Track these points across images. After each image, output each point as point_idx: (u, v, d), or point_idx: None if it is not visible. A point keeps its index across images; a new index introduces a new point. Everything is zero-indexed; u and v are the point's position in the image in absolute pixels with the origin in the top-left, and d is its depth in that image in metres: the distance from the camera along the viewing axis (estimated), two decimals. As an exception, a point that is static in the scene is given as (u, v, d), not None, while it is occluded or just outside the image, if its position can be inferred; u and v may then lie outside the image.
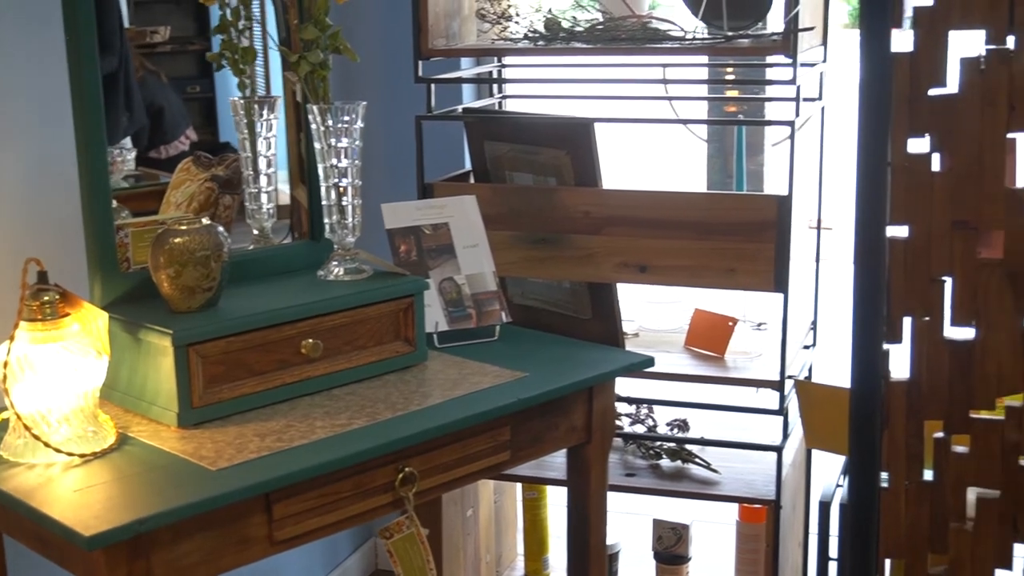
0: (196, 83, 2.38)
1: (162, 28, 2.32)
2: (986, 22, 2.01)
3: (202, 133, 2.40)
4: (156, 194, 2.28)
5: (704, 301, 2.72)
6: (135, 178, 2.28)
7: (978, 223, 2.08)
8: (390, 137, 2.98)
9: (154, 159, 2.33)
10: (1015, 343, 2.09)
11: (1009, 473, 2.14)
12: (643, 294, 2.80)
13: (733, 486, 2.55)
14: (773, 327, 2.61)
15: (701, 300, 2.73)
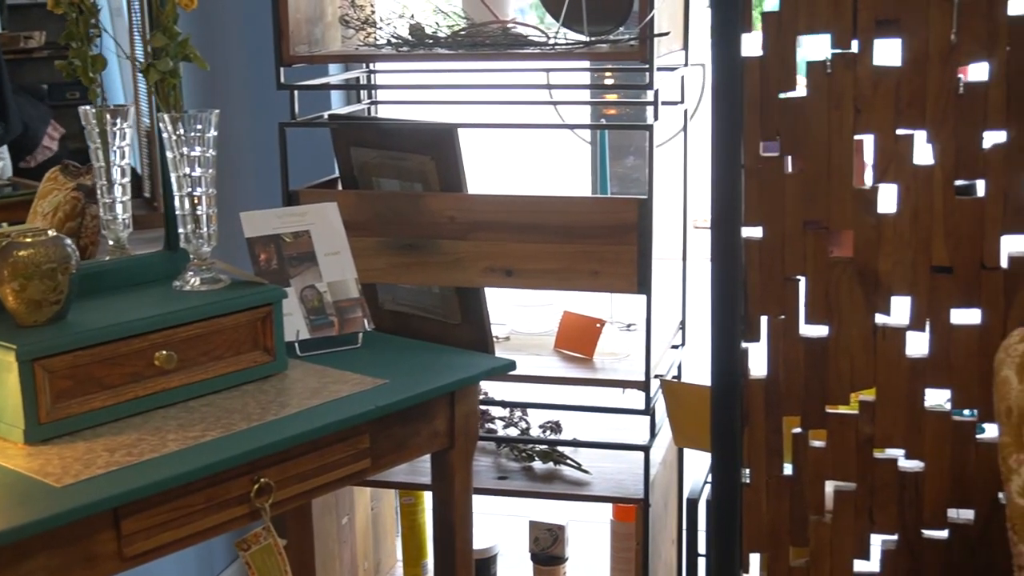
0: (75, 90, 2.32)
1: (37, 33, 2.26)
2: (831, 27, 2.07)
3: (78, 141, 2.35)
4: (28, 204, 2.23)
5: (576, 303, 2.75)
6: (11, 187, 2.23)
7: (829, 223, 2.13)
8: (257, 144, 2.96)
9: (24, 168, 2.28)
10: (866, 339, 2.15)
11: (864, 465, 2.19)
12: (514, 297, 2.82)
13: (604, 486, 2.58)
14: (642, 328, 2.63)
15: (573, 302, 2.75)
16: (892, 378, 2.14)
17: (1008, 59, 1.99)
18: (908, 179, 2.07)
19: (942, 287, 2.09)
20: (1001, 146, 2.02)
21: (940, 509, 2.17)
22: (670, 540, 2.85)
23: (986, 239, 2.05)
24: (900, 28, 2.03)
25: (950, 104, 2.03)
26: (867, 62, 2.05)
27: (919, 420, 2.14)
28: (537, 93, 2.93)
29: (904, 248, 2.10)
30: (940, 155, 2.05)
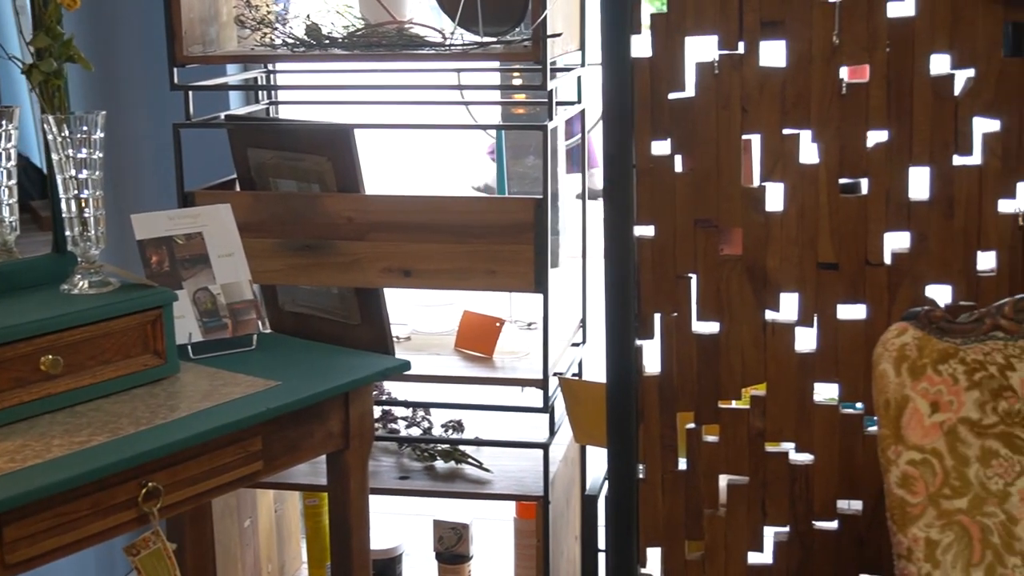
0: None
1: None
2: (718, 28, 2.10)
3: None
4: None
5: (477, 303, 2.76)
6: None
7: (718, 221, 2.17)
8: (153, 146, 2.93)
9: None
10: (757, 335, 2.19)
11: (756, 459, 2.24)
12: (416, 297, 2.82)
13: (505, 484, 2.59)
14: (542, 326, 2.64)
15: (474, 302, 2.76)
16: (782, 373, 2.18)
17: (888, 60, 2.04)
18: (794, 178, 2.12)
19: (828, 283, 2.14)
20: (883, 145, 2.08)
21: (830, 501, 2.22)
22: (573, 536, 2.87)
23: (870, 236, 2.11)
24: (785, 30, 2.07)
25: (833, 104, 2.08)
26: (753, 63, 2.09)
27: (808, 414, 2.19)
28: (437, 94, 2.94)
29: (791, 245, 2.14)
30: (825, 154, 2.10)
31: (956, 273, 2.08)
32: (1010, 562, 1.72)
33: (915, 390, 1.75)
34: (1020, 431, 1.76)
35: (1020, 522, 1.73)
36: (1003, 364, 1.77)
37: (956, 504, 1.74)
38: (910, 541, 1.74)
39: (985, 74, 2.02)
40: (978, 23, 2.00)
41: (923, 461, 1.75)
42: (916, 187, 2.09)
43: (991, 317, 1.80)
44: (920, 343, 1.78)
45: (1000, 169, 2.04)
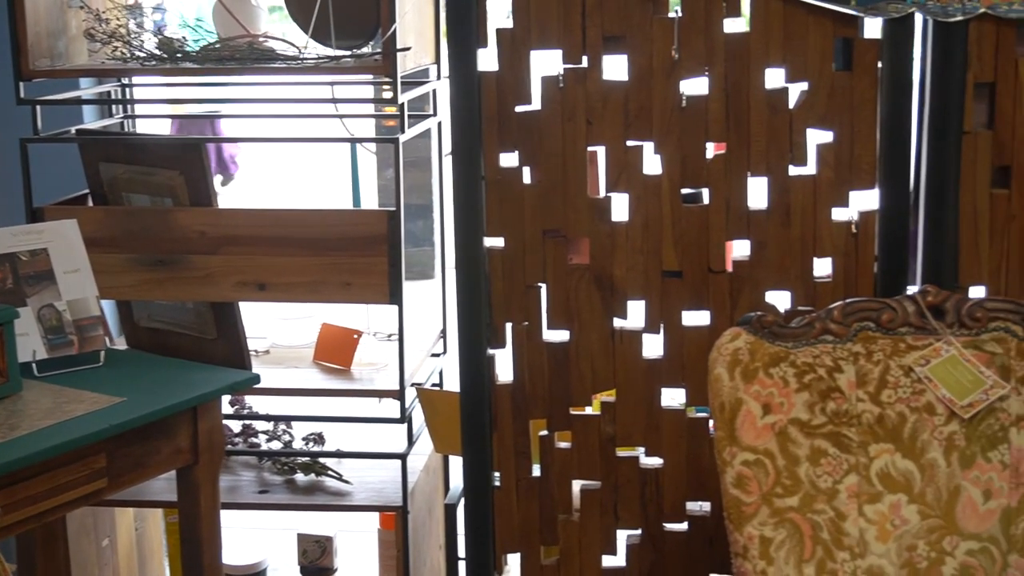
0: None
1: None
2: (562, 43, 2.15)
3: None
4: None
5: (336, 315, 2.76)
6: None
7: (566, 231, 2.21)
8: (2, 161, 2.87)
9: None
10: (605, 343, 2.24)
11: (608, 464, 2.28)
12: (275, 310, 2.82)
13: (365, 496, 2.59)
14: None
15: (334, 314, 2.76)
16: (631, 379, 2.24)
17: (725, 74, 2.11)
18: (638, 188, 2.17)
19: (673, 291, 2.20)
20: (722, 156, 2.14)
21: (679, 503, 2.27)
22: (438, 546, 2.89)
23: (711, 244, 2.17)
24: (626, 44, 2.13)
25: (674, 117, 2.14)
26: (596, 77, 2.14)
27: (657, 418, 2.25)
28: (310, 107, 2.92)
29: (637, 254, 2.19)
30: (667, 165, 2.16)
31: (794, 279, 2.16)
32: (839, 557, 1.79)
33: (748, 393, 1.81)
34: (847, 431, 1.83)
35: (848, 518, 1.80)
36: (832, 366, 1.84)
37: (788, 502, 1.80)
38: (745, 539, 1.79)
39: (817, 87, 2.09)
40: (809, 38, 2.08)
41: (756, 461, 1.81)
42: (754, 196, 2.15)
43: (821, 321, 1.87)
44: (752, 347, 1.84)
45: (833, 179, 2.12)
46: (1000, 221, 2.09)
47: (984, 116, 2.07)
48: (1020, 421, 1.80)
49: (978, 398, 1.80)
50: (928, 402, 1.82)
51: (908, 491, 1.80)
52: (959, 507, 1.80)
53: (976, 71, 2.04)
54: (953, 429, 1.82)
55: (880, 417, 1.83)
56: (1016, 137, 2.06)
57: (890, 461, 1.81)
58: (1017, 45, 2.04)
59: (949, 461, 1.81)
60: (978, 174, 2.08)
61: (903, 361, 1.84)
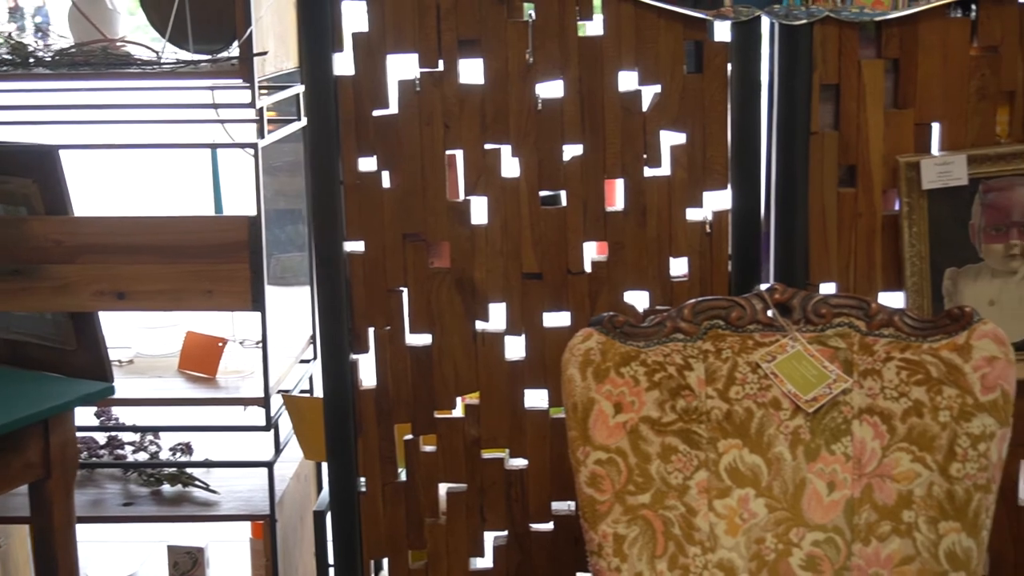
0: None
1: None
2: (418, 47, 2.15)
3: None
4: None
5: (202, 323, 2.72)
6: None
7: (426, 235, 2.22)
8: None
9: None
10: (468, 345, 2.24)
11: (473, 466, 2.29)
12: (139, 320, 2.77)
13: (233, 505, 2.57)
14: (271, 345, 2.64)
15: (200, 322, 2.73)
16: (494, 381, 2.25)
17: (580, 77, 2.13)
18: (497, 191, 2.18)
19: (533, 293, 2.21)
20: (578, 159, 2.16)
21: (544, 503, 2.29)
22: (310, 553, 2.87)
23: (570, 246, 2.19)
24: (481, 48, 2.14)
25: (531, 120, 2.15)
26: (453, 80, 2.15)
27: (521, 420, 2.26)
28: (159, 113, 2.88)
29: (497, 257, 2.20)
30: (525, 168, 2.17)
31: (651, 279, 2.19)
32: (691, 551, 1.82)
33: (600, 392, 1.83)
34: (697, 427, 1.86)
35: (699, 513, 1.83)
36: (682, 364, 1.87)
37: (640, 499, 1.82)
38: (600, 538, 1.81)
39: (669, 90, 2.13)
40: (660, 42, 2.11)
41: (609, 460, 1.83)
42: (611, 198, 2.18)
43: (672, 320, 1.90)
44: (604, 347, 1.86)
45: (687, 179, 2.15)
46: (847, 219, 2.14)
47: (830, 117, 2.13)
48: (862, 414, 1.85)
49: (822, 392, 1.84)
50: (774, 397, 1.86)
51: (756, 485, 1.84)
52: (805, 499, 1.84)
53: (821, 73, 2.09)
54: (798, 423, 1.86)
55: (728, 413, 1.86)
56: (861, 137, 2.11)
57: (738, 456, 1.85)
58: (860, 48, 2.09)
59: (795, 454, 1.85)
60: (825, 174, 2.13)
61: (751, 358, 1.88)
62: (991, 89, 2.09)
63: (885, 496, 1.82)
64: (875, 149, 2.11)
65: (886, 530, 1.81)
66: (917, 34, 2.08)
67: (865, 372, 1.86)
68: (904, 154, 2.10)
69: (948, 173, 2.07)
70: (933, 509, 1.80)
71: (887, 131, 2.11)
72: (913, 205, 2.09)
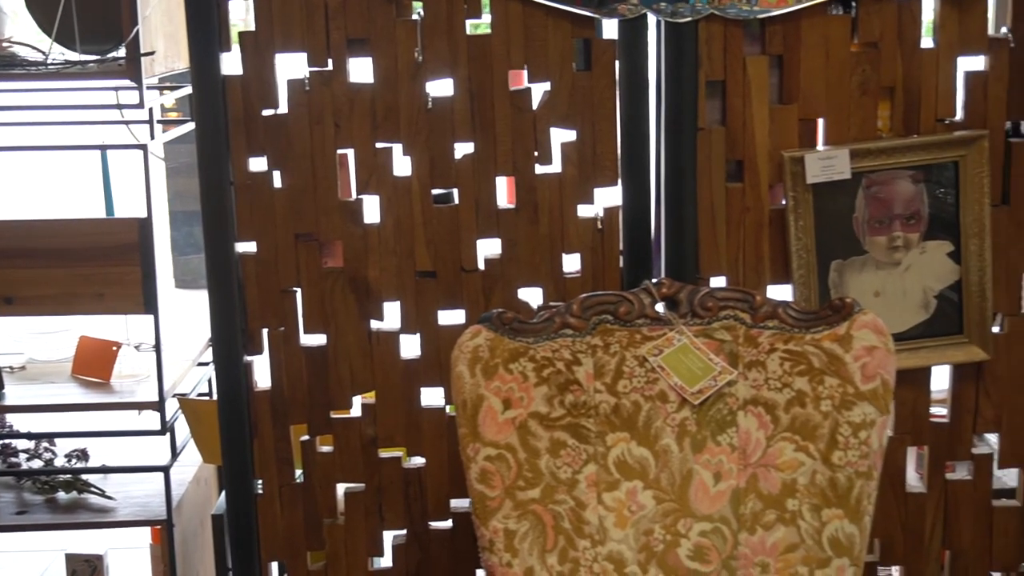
0: None
1: None
2: (306, 46, 2.14)
3: None
4: None
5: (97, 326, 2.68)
6: None
7: (319, 235, 2.21)
8: None
9: None
10: (363, 345, 2.24)
11: (370, 466, 2.29)
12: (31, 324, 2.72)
13: (130, 511, 2.54)
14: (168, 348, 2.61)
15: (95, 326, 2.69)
16: (389, 380, 2.24)
17: (469, 75, 2.13)
18: (389, 190, 2.18)
19: (427, 291, 2.21)
20: (469, 157, 2.17)
21: (443, 501, 2.29)
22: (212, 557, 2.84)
23: (463, 244, 2.19)
24: (370, 47, 2.13)
25: (421, 118, 2.15)
26: (343, 79, 2.14)
27: (417, 418, 2.26)
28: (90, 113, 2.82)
29: (390, 256, 2.20)
30: (416, 166, 2.17)
31: (544, 275, 2.20)
32: (580, 545, 1.83)
33: (488, 389, 1.84)
34: (586, 421, 1.88)
35: (588, 507, 1.85)
36: (570, 360, 1.89)
37: (530, 495, 1.84)
38: (491, 533, 1.82)
39: (559, 88, 2.14)
40: (549, 40, 2.12)
41: (499, 456, 1.84)
42: (503, 195, 2.19)
43: (560, 316, 1.91)
44: (492, 344, 1.87)
45: (577, 176, 2.17)
46: (736, 213, 2.17)
47: (717, 113, 2.16)
48: (747, 405, 1.88)
49: (707, 384, 1.87)
50: (661, 390, 1.88)
51: (644, 477, 1.86)
52: (692, 490, 1.87)
53: (707, 70, 2.12)
54: (685, 415, 1.88)
55: (616, 407, 1.88)
56: (747, 132, 2.15)
57: (626, 449, 1.87)
58: (745, 45, 2.12)
59: (681, 446, 1.88)
60: (713, 169, 2.16)
61: (638, 352, 1.90)
62: (872, 84, 2.13)
63: (770, 485, 1.85)
64: (761, 144, 2.15)
65: (771, 519, 1.84)
66: (799, 31, 2.11)
67: (750, 364, 1.89)
68: (789, 149, 2.13)
69: (831, 167, 2.11)
70: (816, 497, 1.83)
71: (772, 126, 2.14)
72: (799, 199, 2.13)
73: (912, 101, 2.14)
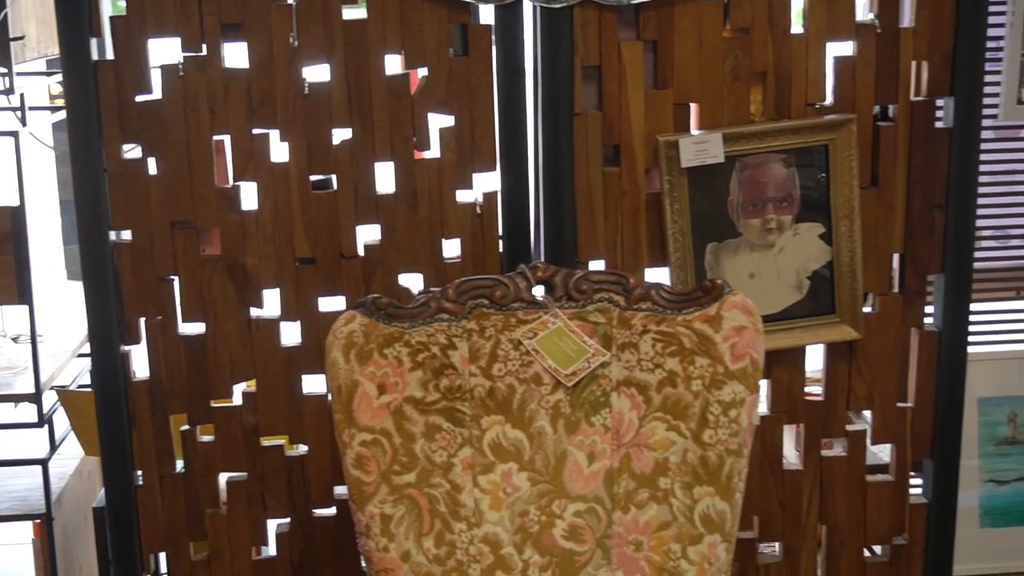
0: None
1: None
2: (179, 31, 2.11)
3: None
4: None
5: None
6: None
7: (196, 222, 2.18)
8: None
9: None
10: (243, 333, 2.22)
11: (253, 455, 2.27)
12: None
13: (8, 505, 2.49)
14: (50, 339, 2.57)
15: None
16: (270, 368, 2.23)
17: (346, 60, 2.13)
18: (266, 177, 2.16)
19: (307, 278, 2.20)
20: (348, 142, 2.16)
21: (326, 488, 2.29)
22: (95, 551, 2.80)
23: (342, 230, 2.19)
24: (245, 32, 2.11)
25: (298, 104, 2.14)
26: (217, 65, 2.12)
27: (299, 406, 2.25)
28: None
29: (268, 243, 2.19)
30: (294, 153, 2.16)
31: (425, 261, 2.20)
32: (456, 527, 1.84)
33: (363, 374, 1.84)
34: (461, 405, 1.89)
35: (463, 490, 1.86)
36: (445, 344, 1.90)
37: (406, 479, 1.84)
38: (367, 518, 1.83)
39: (436, 73, 2.14)
40: (425, 25, 2.12)
41: (374, 441, 1.84)
42: (382, 181, 2.18)
43: (436, 301, 1.92)
44: (367, 329, 1.87)
45: (456, 162, 2.17)
46: (613, 198, 2.20)
47: (594, 98, 2.17)
48: (620, 386, 1.91)
49: (581, 366, 1.89)
50: (535, 373, 1.90)
51: (518, 459, 1.88)
52: (566, 471, 1.89)
53: (583, 55, 2.14)
54: (559, 397, 1.90)
55: (491, 390, 1.89)
56: (623, 117, 2.17)
57: (501, 432, 1.88)
58: (620, 30, 2.14)
59: (556, 428, 1.90)
60: (590, 153, 2.18)
61: (513, 335, 1.91)
62: (744, 70, 2.17)
63: (642, 465, 1.88)
64: (637, 129, 2.17)
65: (644, 497, 1.87)
66: (673, 17, 2.14)
67: (623, 345, 1.92)
68: (664, 133, 2.16)
69: (705, 151, 2.14)
70: (688, 475, 1.87)
71: (648, 111, 2.17)
72: (674, 183, 2.16)
73: (783, 86, 2.18)
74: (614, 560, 1.86)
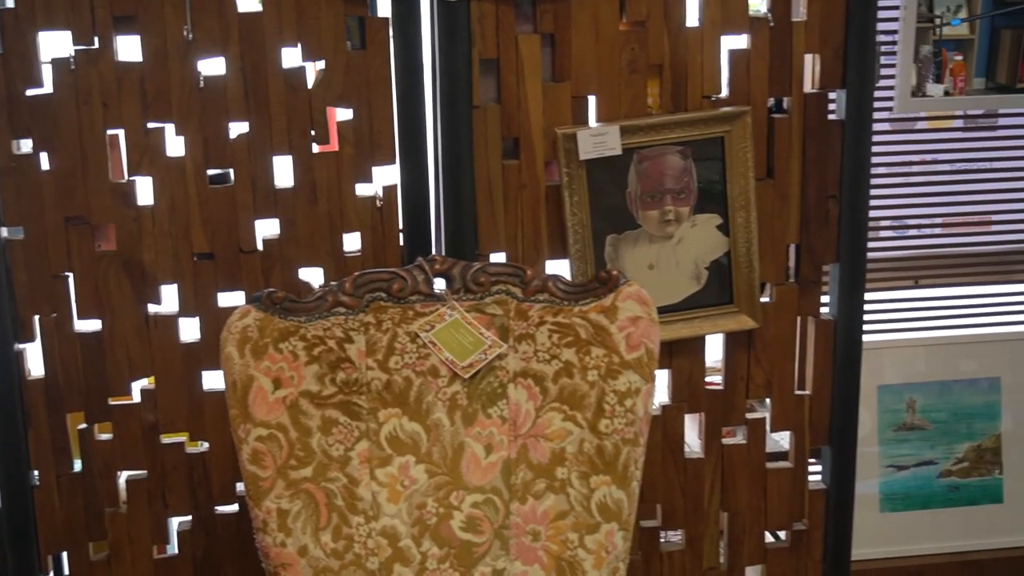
0: None
1: None
2: (71, 24, 2.08)
3: None
4: None
5: None
6: None
7: (90, 218, 2.15)
8: None
9: None
10: (140, 329, 2.20)
11: (152, 452, 2.25)
12: None
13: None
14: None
15: None
16: (169, 364, 2.21)
17: (242, 54, 2.11)
18: (162, 171, 2.14)
19: (206, 273, 2.18)
20: (245, 136, 2.14)
21: (228, 485, 2.27)
22: None
23: (241, 225, 2.17)
24: (138, 25, 2.09)
25: (194, 98, 2.12)
26: (110, 58, 2.09)
27: (199, 402, 2.23)
28: None
29: (165, 238, 2.16)
30: (190, 146, 2.14)
31: (325, 255, 2.19)
32: (354, 521, 1.84)
33: (258, 369, 1.83)
34: (358, 399, 1.88)
35: (361, 483, 1.86)
36: (342, 337, 1.89)
37: (302, 473, 1.83)
38: (264, 514, 1.82)
39: (333, 66, 2.13)
40: (322, 17, 2.11)
41: (270, 436, 1.83)
42: (280, 175, 2.17)
43: (333, 294, 1.91)
44: (262, 324, 1.86)
45: (355, 155, 2.17)
46: (513, 190, 2.21)
47: (492, 91, 2.18)
48: (517, 377, 1.92)
49: (477, 358, 1.90)
50: (432, 365, 1.90)
51: (416, 452, 1.88)
52: (464, 463, 1.89)
53: (480, 48, 2.14)
54: (456, 389, 1.91)
55: (388, 383, 1.89)
56: (521, 110, 2.18)
57: (398, 424, 1.88)
58: (517, 23, 2.15)
59: (453, 420, 1.90)
60: (489, 146, 2.18)
61: (410, 328, 1.91)
62: (641, 63, 2.19)
63: (540, 455, 1.89)
64: (535, 122, 2.18)
65: (541, 487, 1.88)
66: (569, 10, 2.15)
67: (520, 337, 1.92)
68: (562, 126, 2.17)
69: (603, 144, 2.16)
70: (585, 464, 1.88)
71: (546, 104, 2.18)
72: (573, 175, 2.17)
73: (679, 79, 2.20)
74: (512, 551, 1.87)
